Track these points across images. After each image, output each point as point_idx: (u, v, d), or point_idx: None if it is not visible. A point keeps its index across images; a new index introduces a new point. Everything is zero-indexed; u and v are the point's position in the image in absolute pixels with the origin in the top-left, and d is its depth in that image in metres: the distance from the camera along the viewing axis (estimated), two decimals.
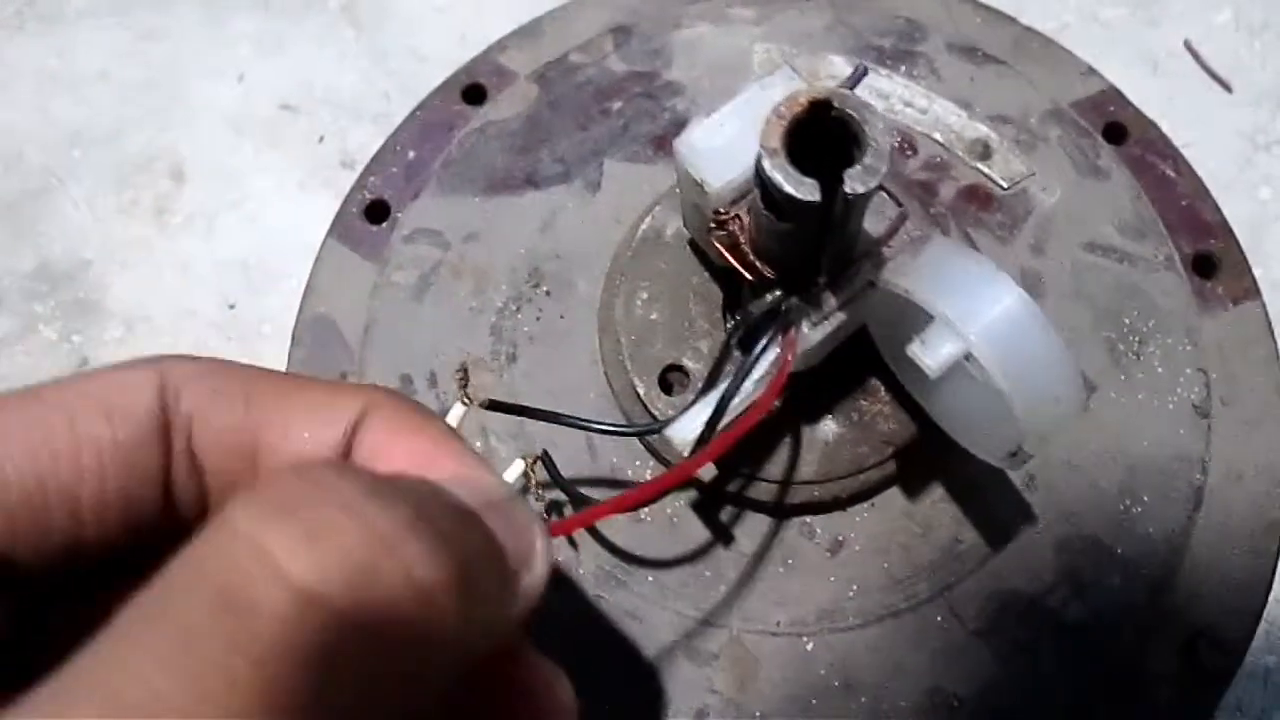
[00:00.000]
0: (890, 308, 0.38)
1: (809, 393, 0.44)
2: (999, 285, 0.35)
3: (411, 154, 0.55)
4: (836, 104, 0.33)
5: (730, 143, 0.38)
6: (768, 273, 0.37)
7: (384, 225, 0.54)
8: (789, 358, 0.36)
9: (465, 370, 0.41)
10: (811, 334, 0.38)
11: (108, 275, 0.66)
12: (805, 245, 0.35)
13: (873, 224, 0.40)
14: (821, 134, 0.33)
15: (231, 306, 0.65)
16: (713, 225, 0.38)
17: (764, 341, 0.37)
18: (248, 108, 0.70)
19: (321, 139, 0.68)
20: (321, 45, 0.72)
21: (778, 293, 0.37)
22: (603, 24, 0.57)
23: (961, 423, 0.41)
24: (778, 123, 0.32)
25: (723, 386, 0.38)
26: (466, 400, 0.40)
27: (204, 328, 0.64)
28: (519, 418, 0.45)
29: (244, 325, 0.64)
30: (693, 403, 0.39)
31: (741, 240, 0.37)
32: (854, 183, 0.32)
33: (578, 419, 0.41)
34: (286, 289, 0.57)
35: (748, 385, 0.38)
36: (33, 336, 0.65)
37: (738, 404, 0.38)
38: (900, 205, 0.41)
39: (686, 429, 0.38)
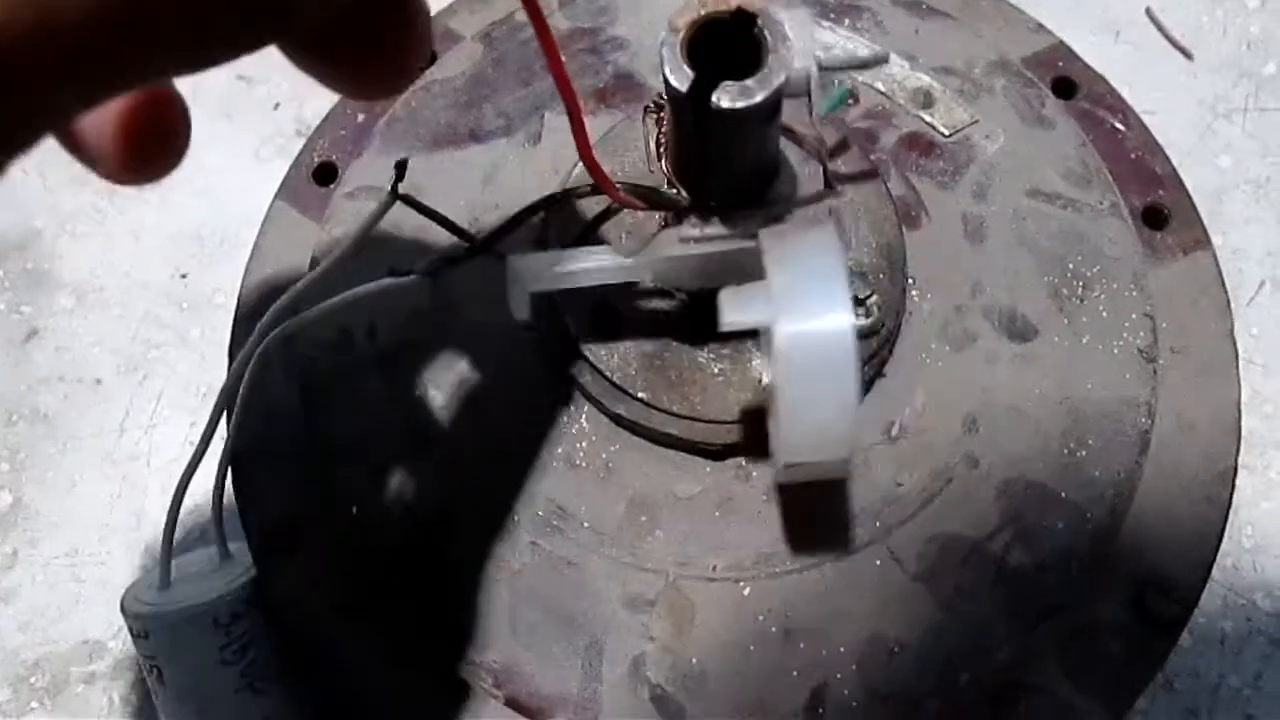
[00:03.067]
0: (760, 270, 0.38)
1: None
2: (839, 301, 0.33)
3: (360, 117, 0.55)
4: (760, 23, 0.33)
5: None
6: (668, 173, 0.37)
7: (331, 187, 0.53)
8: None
9: (403, 168, 0.41)
10: (674, 246, 0.38)
11: (58, 245, 0.66)
12: (685, 148, 0.35)
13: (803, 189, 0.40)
14: (742, 48, 0.33)
15: (184, 276, 0.64)
16: (648, 106, 0.38)
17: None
18: (202, 76, 0.69)
19: (277, 106, 0.68)
20: None
21: (680, 192, 0.37)
22: None
23: (772, 415, 0.40)
24: (696, 6, 0.32)
25: None
26: (393, 191, 0.40)
27: (156, 298, 0.64)
28: None
29: (196, 295, 0.64)
30: None
31: (660, 133, 0.37)
32: (722, 94, 0.31)
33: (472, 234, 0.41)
34: (239, 258, 0.56)
35: None
36: None
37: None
38: (830, 185, 0.41)
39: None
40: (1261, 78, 0.74)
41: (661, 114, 0.37)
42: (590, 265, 0.36)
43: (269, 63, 0.65)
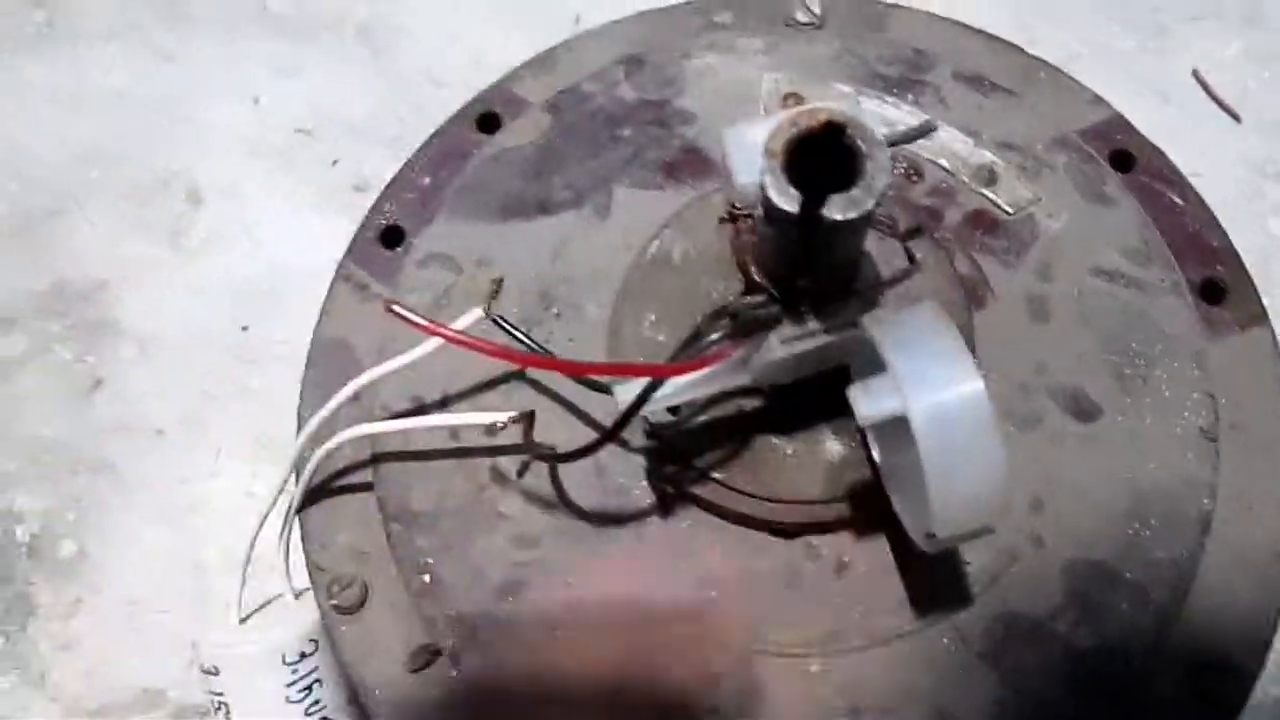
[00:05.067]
0: (869, 356, 0.39)
1: (809, 409, 0.44)
2: (964, 369, 0.35)
3: (426, 180, 0.56)
4: (850, 131, 0.34)
5: None
6: (760, 279, 0.38)
7: (398, 250, 0.54)
8: (728, 354, 0.37)
9: (500, 285, 0.45)
10: (779, 348, 0.39)
11: (122, 296, 0.67)
12: (787, 257, 0.36)
13: (888, 269, 0.41)
14: (831, 155, 0.34)
15: (245, 328, 0.65)
16: (723, 217, 0.39)
17: (719, 335, 0.37)
18: (263, 130, 0.71)
19: (335, 163, 0.69)
20: (337, 69, 0.73)
21: (763, 298, 0.38)
22: (615, 54, 0.58)
23: (899, 490, 0.41)
24: (788, 128, 0.33)
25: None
26: (486, 310, 0.45)
27: (217, 350, 0.65)
28: None
29: (257, 348, 0.65)
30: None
31: (746, 240, 0.38)
32: (834, 208, 0.32)
33: (564, 360, 0.44)
34: (299, 311, 0.57)
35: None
36: (46, 356, 0.65)
37: (678, 383, 0.39)
38: (912, 260, 0.42)
39: (628, 391, 0.39)
40: None
41: (738, 224, 0.38)
42: (700, 379, 0.38)
43: (327, 118, 0.67)
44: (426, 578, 0.47)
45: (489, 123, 0.57)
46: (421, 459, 0.49)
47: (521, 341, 0.44)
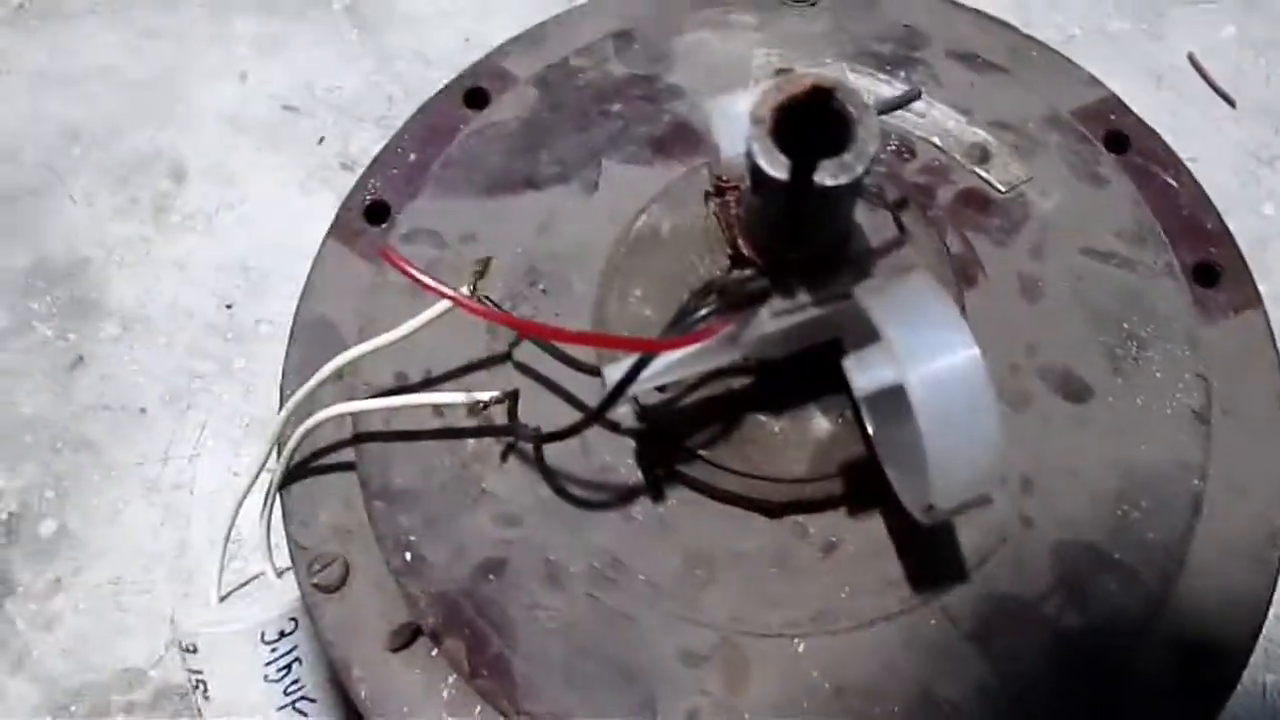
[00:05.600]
0: (862, 328, 0.38)
1: (797, 387, 0.43)
2: (959, 336, 0.35)
3: (413, 156, 0.55)
4: (838, 95, 0.33)
5: None
6: (748, 252, 0.37)
7: (383, 226, 0.54)
8: (719, 330, 0.37)
9: (486, 266, 0.44)
10: (770, 322, 0.38)
11: (105, 273, 0.66)
12: (777, 227, 0.35)
13: (877, 240, 0.41)
14: (818, 122, 0.33)
15: (229, 306, 0.65)
16: (710, 190, 0.38)
17: (706, 310, 0.37)
18: (249, 107, 0.70)
19: (322, 140, 0.68)
20: (324, 46, 0.72)
21: (752, 272, 0.38)
22: (604, 29, 0.58)
23: (894, 463, 0.41)
24: (774, 94, 0.32)
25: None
26: (472, 289, 0.43)
27: (201, 328, 0.64)
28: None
29: (241, 325, 0.64)
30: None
31: (734, 213, 0.38)
32: (825, 174, 0.31)
33: (559, 328, 0.44)
34: (284, 290, 0.57)
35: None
36: (28, 334, 0.65)
37: (667, 361, 0.38)
38: (902, 229, 0.41)
39: (618, 369, 0.39)
40: None
41: (725, 197, 0.38)
42: (689, 356, 0.37)
43: (314, 96, 0.66)
44: (408, 556, 0.46)
45: (476, 98, 0.56)
46: (404, 438, 0.48)
47: (509, 322, 0.44)
